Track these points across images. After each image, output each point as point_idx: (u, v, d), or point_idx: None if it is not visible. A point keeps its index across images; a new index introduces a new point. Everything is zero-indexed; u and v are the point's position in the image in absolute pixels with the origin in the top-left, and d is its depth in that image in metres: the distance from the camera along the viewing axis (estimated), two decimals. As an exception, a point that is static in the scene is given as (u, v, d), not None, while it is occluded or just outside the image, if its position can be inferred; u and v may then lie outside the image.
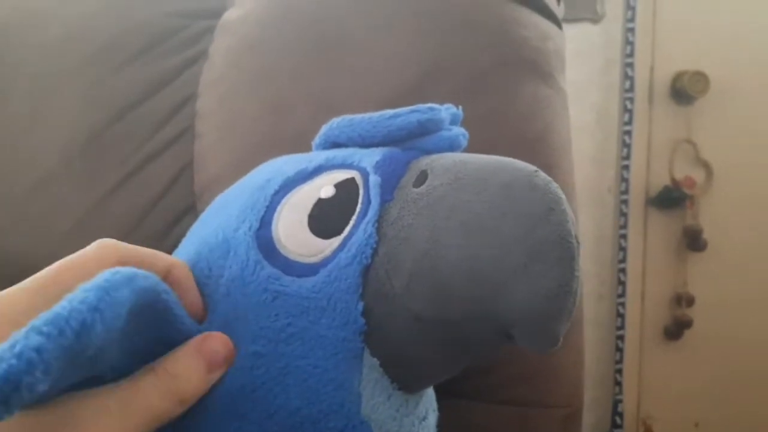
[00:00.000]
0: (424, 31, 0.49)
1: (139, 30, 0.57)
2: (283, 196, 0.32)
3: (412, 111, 0.33)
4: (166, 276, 0.28)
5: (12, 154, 0.56)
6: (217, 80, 0.53)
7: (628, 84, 1.46)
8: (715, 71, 1.44)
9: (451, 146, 0.34)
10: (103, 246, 0.27)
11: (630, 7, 1.44)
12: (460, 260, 0.27)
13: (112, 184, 0.53)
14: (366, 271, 0.29)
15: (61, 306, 0.20)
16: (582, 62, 1.45)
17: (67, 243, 0.56)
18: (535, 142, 0.47)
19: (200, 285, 0.30)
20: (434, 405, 0.35)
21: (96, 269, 0.24)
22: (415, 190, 0.30)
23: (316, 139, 0.37)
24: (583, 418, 0.49)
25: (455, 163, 0.30)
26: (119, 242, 0.27)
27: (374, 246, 0.29)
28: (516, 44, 0.49)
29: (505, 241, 0.27)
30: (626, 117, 1.46)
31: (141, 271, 0.24)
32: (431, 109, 0.33)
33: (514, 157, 0.33)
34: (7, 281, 0.28)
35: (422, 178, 0.30)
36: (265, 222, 0.31)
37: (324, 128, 0.36)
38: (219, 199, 0.37)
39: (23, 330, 0.19)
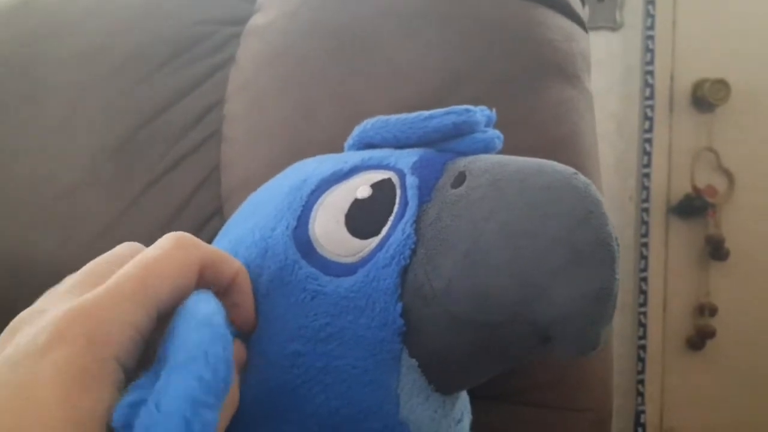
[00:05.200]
0: (448, 36, 0.49)
1: (166, 38, 0.58)
2: (319, 196, 0.32)
3: (448, 113, 0.33)
4: (232, 281, 0.28)
5: (42, 161, 0.57)
6: (245, 85, 0.54)
7: (648, 92, 1.45)
8: (736, 79, 1.43)
9: (486, 148, 0.34)
10: (183, 246, 0.26)
11: (649, 15, 1.44)
12: (502, 262, 0.27)
13: (140, 189, 0.54)
14: (404, 271, 0.29)
15: (203, 371, 0.21)
16: (602, 70, 1.44)
17: (96, 248, 0.57)
18: (562, 145, 0.47)
19: None
20: (468, 407, 0.35)
21: (179, 272, 0.25)
22: (454, 191, 0.30)
23: (350, 140, 0.37)
24: (608, 426, 0.49)
25: (493, 164, 0.30)
26: (197, 241, 0.26)
27: (413, 247, 0.29)
28: (541, 46, 0.49)
29: (547, 243, 0.27)
30: (647, 125, 1.45)
31: (214, 299, 0.25)
32: (466, 111, 0.33)
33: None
34: (35, 286, 0.28)
35: (460, 179, 0.30)
36: (302, 221, 0.31)
37: (358, 129, 0.37)
38: (251, 199, 0.37)
39: (187, 405, 0.20)
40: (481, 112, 0.34)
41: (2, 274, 0.57)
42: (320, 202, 0.32)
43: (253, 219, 0.33)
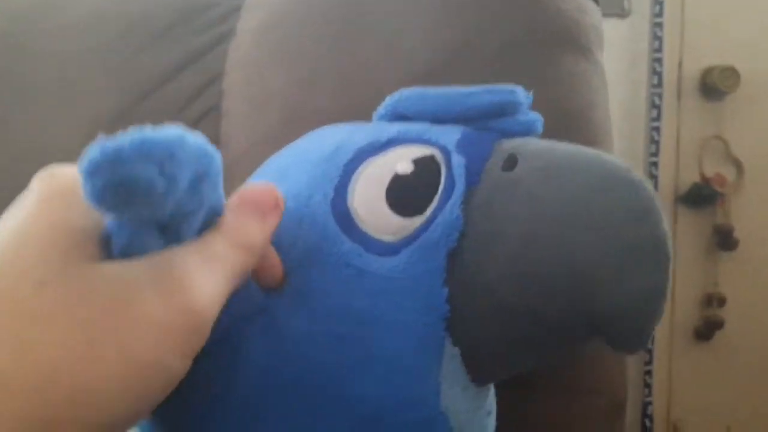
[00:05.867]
0: (454, 4, 0.47)
1: (164, 9, 0.57)
2: (356, 167, 0.30)
3: (490, 90, 0.32)
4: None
5: (39, 137, 0.56)
6: (244, 58, 0.52)
7: (656, 80, 1.43)
8: (746, 66, 1.41)
9: (527, 131, 0.33)
10: None
11: (657, 2, 1.43)
12: (558, 253, 0.26)
13: None
14: (451, 255, 0.28)
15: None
16: (609, 58, 1.41)
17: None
18: (576, 119, 0.46)
19: None
20: (494, 399, 0.34)
21: None
22: (506, 174, 0.29)
23: (380, 110, 0.36)
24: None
25: (546, 149, 0.29)
26: None
27: (461, 229, 0.28)
28: (552, 16, 0.47)
29: (608, 238, 0.26)
30: (654, 113, 1.43)
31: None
32: (511, 91, 0.32)
33: (555, 134, 0.33)
34: None
35: (511, 162, 0.29)
36: (340, 192, 0.29)
37: (390, 99, 0.35)
38: (273, 164, 0.35)
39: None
40: (523, 93, 0.33)
41: None
42: (358, 173, 0.30)
43: (283, 186, 0.31)
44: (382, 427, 0.27)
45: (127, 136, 0.18)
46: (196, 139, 0.21)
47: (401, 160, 0.30)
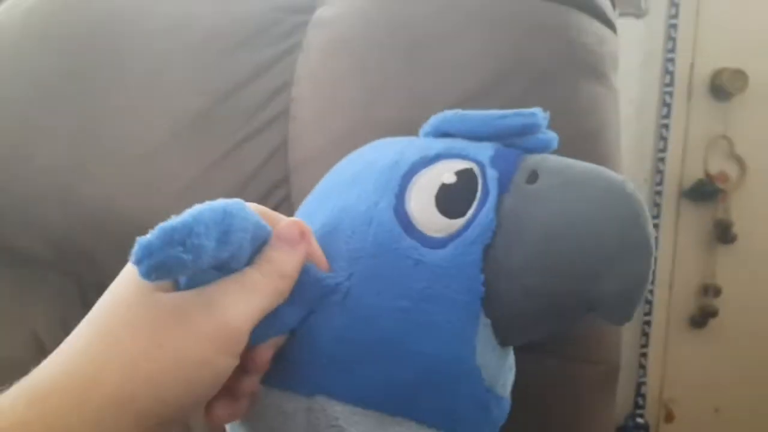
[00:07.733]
0: (499, 35, 0.55)
1: (239, 22, 0.63)
2: (411, 177, 0.38)
3: (518, 114, 0.40)
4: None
5: (130, 124, 0.63)
6: (313, 70, 0.60)
7: (668, 79, 1.48)
8: (755, 70, 1.45)
9: (546, 147, 0.41)
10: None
11: (674, 4, 1.46)
12: (569, 249, 0.35)
13: (215, 157, 0.60)
14: (486, 249, 0.36)
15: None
16: (624, 56, 1.44)
17: (174, 207, 0.64)
18: (592, 137, 0.53)
19: (342, 242, 0.37)
20: (513, 357, 0.43)
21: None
22: (529, 186, 0.37)
23: (426, 127, 0.43)
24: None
25: (562, 167, 0.38)
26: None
27: (494, 229, 0.36)
28: (578, 49, 0.55)
29: (605, 237, 0.35)
30: (664, 111, 1.49)
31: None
32: (533, 114, 0.40)
33: (573, 149, 0.41)
34: (115, 242, 0.30)
35: (533, 177, 0.37)
36: (399, 199, 0.37)
37: (435, 119, 0.43)
38: (346, 171, 0.43)
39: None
40: (542, 116, 0.41)
41: (86, 230, 0.64)
42: (413, 183, 0.38)
43: (355, 190, 0.39)
44: (433, 376, 0.35)
45: (155, 230, 0.27)
46: (213, 208, 0.29)
47: (446, 173, 0.38)
